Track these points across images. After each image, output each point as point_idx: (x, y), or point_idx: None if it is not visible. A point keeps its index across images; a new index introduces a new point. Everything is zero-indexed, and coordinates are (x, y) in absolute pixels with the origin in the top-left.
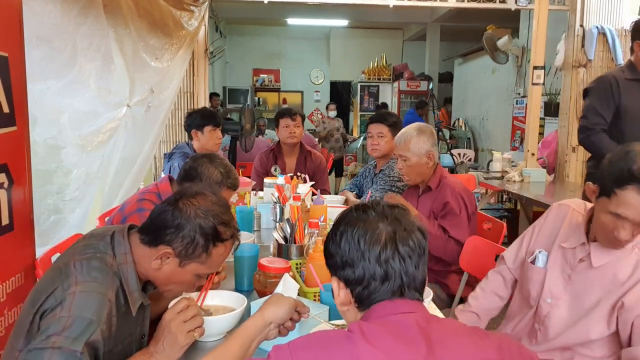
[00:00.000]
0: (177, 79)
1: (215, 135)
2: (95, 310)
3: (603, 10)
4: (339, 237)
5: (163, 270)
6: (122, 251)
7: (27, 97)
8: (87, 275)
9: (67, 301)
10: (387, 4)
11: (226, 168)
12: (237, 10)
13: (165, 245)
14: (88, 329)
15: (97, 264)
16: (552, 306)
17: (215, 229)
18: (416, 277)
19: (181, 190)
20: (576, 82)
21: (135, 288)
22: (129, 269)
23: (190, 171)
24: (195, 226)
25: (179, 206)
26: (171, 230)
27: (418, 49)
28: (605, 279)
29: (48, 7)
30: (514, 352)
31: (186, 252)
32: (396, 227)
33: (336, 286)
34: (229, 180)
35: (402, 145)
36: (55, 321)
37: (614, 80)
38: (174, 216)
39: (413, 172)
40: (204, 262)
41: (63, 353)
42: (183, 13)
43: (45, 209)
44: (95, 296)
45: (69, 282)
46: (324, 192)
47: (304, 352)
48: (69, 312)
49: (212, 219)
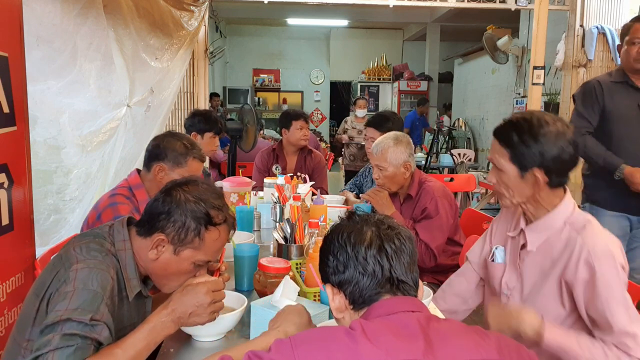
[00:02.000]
0: (177, 79)
1: (213, 142)
2: (99, 283)
3: (603, 10)
4: (328, 245)
5: (160, 260)
6: (121, 238)
7: (27, 97)
8: (87, 254)
9: (70, 278)
10: (387, 4)
11: (189, 140)
12: (237, 10)
13: (158, 232)
14: (94, 300)
15: (95, 246)
16: (508, 297)
17: (207, 212)
18: (406, 273)
19: (173, 180)
20: (576, 82)
21: (133, 275)
22: (127, 255)
23: (154, 150)
24: (186, 210)
25: (171, 193)
26: (163, 216)
27: (418, 49)
28: (544, 261)
29: (48, 7)
30: (512, 352)
31: (179, 237)
32: (380, 227)
33: (330, 292)
34: (194, 150)
35: (378, 155)
36: (61, 298)
37: (598, 85)
38: (165, 202)
39: (389, 182)
40: (198, 247)
41: (72, 323)
42: (183, 13)
43: (45, 209)
44: (98, 271)
45: (70, 262)
46: (323, 191)
47: (305, 346)
48: (74, 286)
49: (203, 203)
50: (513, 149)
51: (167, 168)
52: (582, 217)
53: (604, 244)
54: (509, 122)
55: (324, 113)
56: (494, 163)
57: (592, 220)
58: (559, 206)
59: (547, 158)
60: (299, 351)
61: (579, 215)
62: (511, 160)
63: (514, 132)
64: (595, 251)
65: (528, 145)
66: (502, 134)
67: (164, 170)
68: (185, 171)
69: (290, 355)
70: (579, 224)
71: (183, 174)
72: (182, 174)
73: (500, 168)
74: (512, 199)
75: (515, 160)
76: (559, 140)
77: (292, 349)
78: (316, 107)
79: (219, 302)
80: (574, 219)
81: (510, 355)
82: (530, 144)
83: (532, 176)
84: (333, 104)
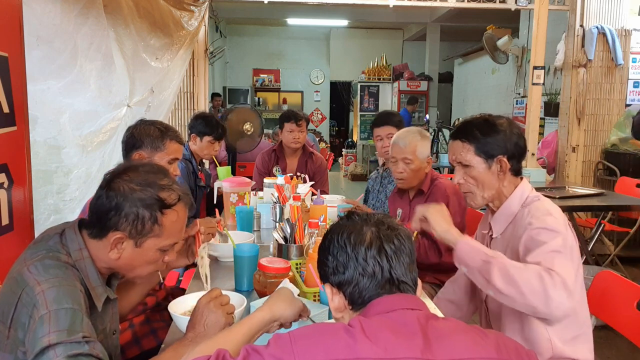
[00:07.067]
0: (177, 79)
1: (212, 147)
2: (72, 299)
3: (603, 10)
4: (327, 244)
5: (123, 257)
6: (76, 247)
7: (27, 97)
8: (45, 274)
9: (39, 301)
10: (387, 4)
11: (163, 124)
12: (237, 10)
13: (113, 231)
14: (75, 317)
15: (51, 262)
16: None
17: (157, 196)
18: (406, 274)
19: (110, 171)
20: (576, 82)
21: (97, 283)
22: (86, 264)
23: (130, 139)
24: (135, 200)
25: (112, 186)
26: (112, 213)
27: (418, 49)
28: (506, 243)
29: (48, 7)
30: (511, 350)
31: (136, 230)
32: (379, 227)
33: (329, 292)
34: (169, 132)
35: (407, 148)
36: (38, 324)
37: None
38: (109, 197)
39: (413, 176)
40: (159, 234)
41: (66, 346)
42: (183, 13)
43: (45, 209)
44: (65, 288)
45: (30, 286)
46: (323, 194)
47: (304, 342)
48: (47, 308)
49: (150, 188)
50: (477, 142)
51: (146, 155)
52: (535, 197)
53: (544, 207)
54: (466, 123)
55: (324, 113)
56: (459, 162)
57: (541, 198)
58: (515, 191)
59: (510, 145)
60: (297, 346)
61: (533, 197)
62: (476, 153)
63: (474, 129)
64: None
65: (491, 135)
66: (463, 133)
67: (144, 157)
68: (165, 154)
69: (289, 350)
70: (529, 201)
71: (164, 157)
72: (163, 158)
73: (467, 164)
74: (482, 194)
75: (481, 152)
76: (514, 129)
77: (291, 343)
78: (316, 107)
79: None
80: (529, 200)
81: (508, 354)
82: (492, 134)
83: (497, 165)
84: (333, 104)
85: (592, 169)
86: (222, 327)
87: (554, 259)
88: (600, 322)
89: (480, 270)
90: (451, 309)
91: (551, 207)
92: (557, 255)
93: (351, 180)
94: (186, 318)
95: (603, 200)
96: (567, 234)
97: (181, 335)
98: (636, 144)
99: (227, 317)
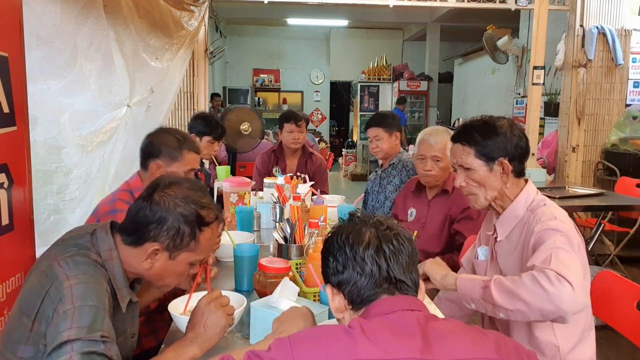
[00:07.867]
0: (177, 79)
1: (211, 147)
2: (97, 298)
3: (603, 10)
4: (328, 246)
5: (155, 267)
6: (107, 247)
7: (27, 97)
8: (75, 270)
9: (66, 296)
10: (387, 4)
11: (182, 134)
12: (237, 10)
13: (151, 242)
14: (97, 315)
15: (81, 259)
16: None
17: (198, 214)
18: (404, 273)
19: (153, 183)
20: (576, 82)
21: (123, 285)
22: (115, 265)
23: (148, 147)
24: (178, 216)
25: (156, 199)
26: (153, 225)
27: (418, 49)
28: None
29: (48, 7)
30: (511, 351)
31: (174, 244)
32: (378, 228)
33: (330, 292)
34: (187, 142)
35: (438, 146)
36: (62, 318)
37: None
38: (153, 211)
39: (441, 174)
40: (193, 249)
41: (83, 343)
42: (183, 13)
43: (45, 209)
44: (92, 285)
45: (59, 280)
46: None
47: (304, 345)
48: (72, 304)
49: (192, 205)
50: (477, 145)
51: (163, 164)
52: (541, 200)
53: (550, 212)
54: (465, 125)
55: (324, 113)
56: (460, 165)
57: (548, 202)
58: (521, 194)
59: (510, 147)
60: (298, 350)
61: (539, 200)
62: (477, 156)
63: (474, 131)
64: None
65: (491, 138)
66: (463, 136)
67: (161, 166)
68: (182, 165)
69: (289, 354)
70: (536, 206)
71: (181, 167)
72: (179, 168)
73: (468, 167)
74: (485, 196)
75: (482, 155)
76: (514, 130)
77: (292, 348)
78: (316, 107)
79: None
80: (535, 204)
81: (508, 354)
82: (493, 137)
83: (499, 166)
84: (333, 104)
85: (592, 169)
86: (222, 328)
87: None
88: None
89: (484, 298)
90: (452, 309)
91: (557, 212)
92: (559, 250)
93: (351, 180)
94: (186, 318)
95: (603, 200)
96: (573, 234)
97: (181, 335)
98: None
99: (227, 318)
